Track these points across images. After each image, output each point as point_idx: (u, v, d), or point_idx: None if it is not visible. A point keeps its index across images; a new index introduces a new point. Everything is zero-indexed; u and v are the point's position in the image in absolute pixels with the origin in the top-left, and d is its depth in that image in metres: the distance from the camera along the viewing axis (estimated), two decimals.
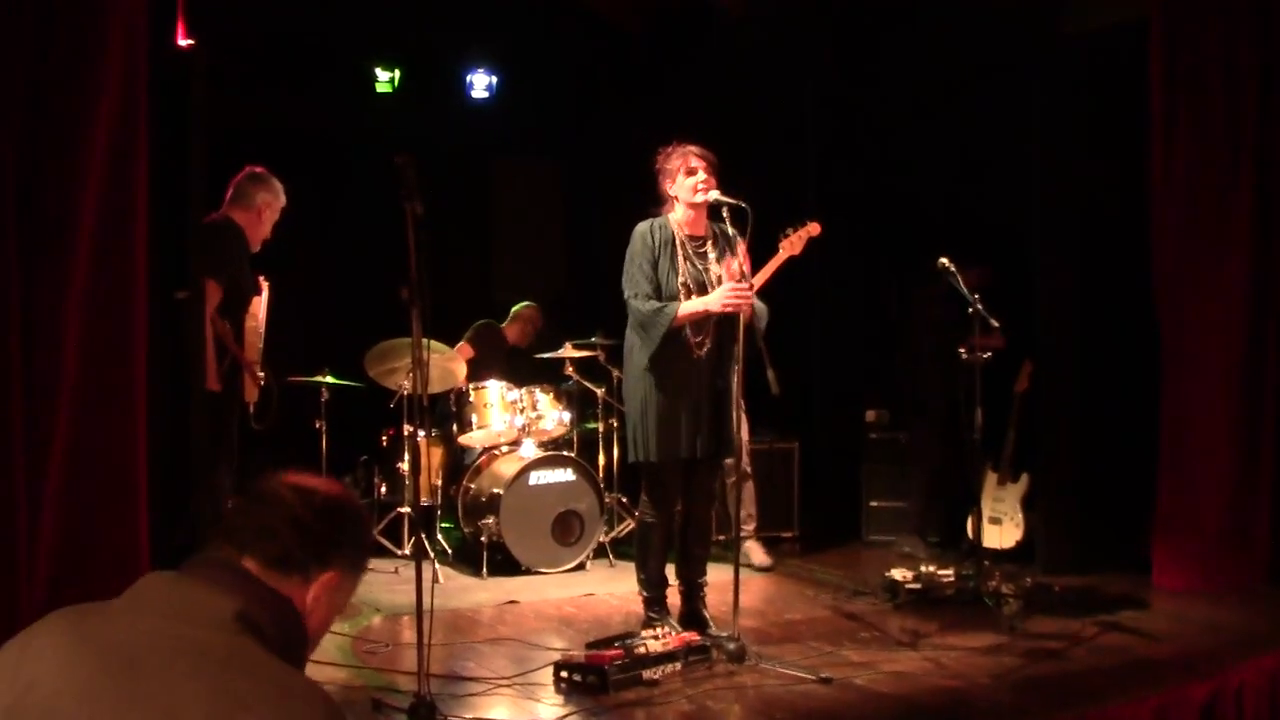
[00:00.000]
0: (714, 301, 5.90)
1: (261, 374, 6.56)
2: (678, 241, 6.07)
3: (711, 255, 6.13)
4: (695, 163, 6.05)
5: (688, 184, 6.04)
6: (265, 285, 6.71)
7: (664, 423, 5.96)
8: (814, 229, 7.07)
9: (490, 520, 7.76)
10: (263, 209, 6.55)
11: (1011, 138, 8.04)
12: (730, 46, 9.64)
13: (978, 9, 8.11)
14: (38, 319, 4.45)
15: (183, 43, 5.49)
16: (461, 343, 9.09)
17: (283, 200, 6.65)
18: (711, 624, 6.11)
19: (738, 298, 5.84)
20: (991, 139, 8.33)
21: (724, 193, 6.01)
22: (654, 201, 6.21)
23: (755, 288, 6.22)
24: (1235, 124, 7.12)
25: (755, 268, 6.42)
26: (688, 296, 5.98)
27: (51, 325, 4.47)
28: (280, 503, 2.26)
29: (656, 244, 6.05)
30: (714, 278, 6.05)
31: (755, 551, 7.96)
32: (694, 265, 6.06)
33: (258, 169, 6.62)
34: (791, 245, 6.95)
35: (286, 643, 2.11)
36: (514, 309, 9.69)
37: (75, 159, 4.52)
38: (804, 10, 9.20)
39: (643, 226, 6.13)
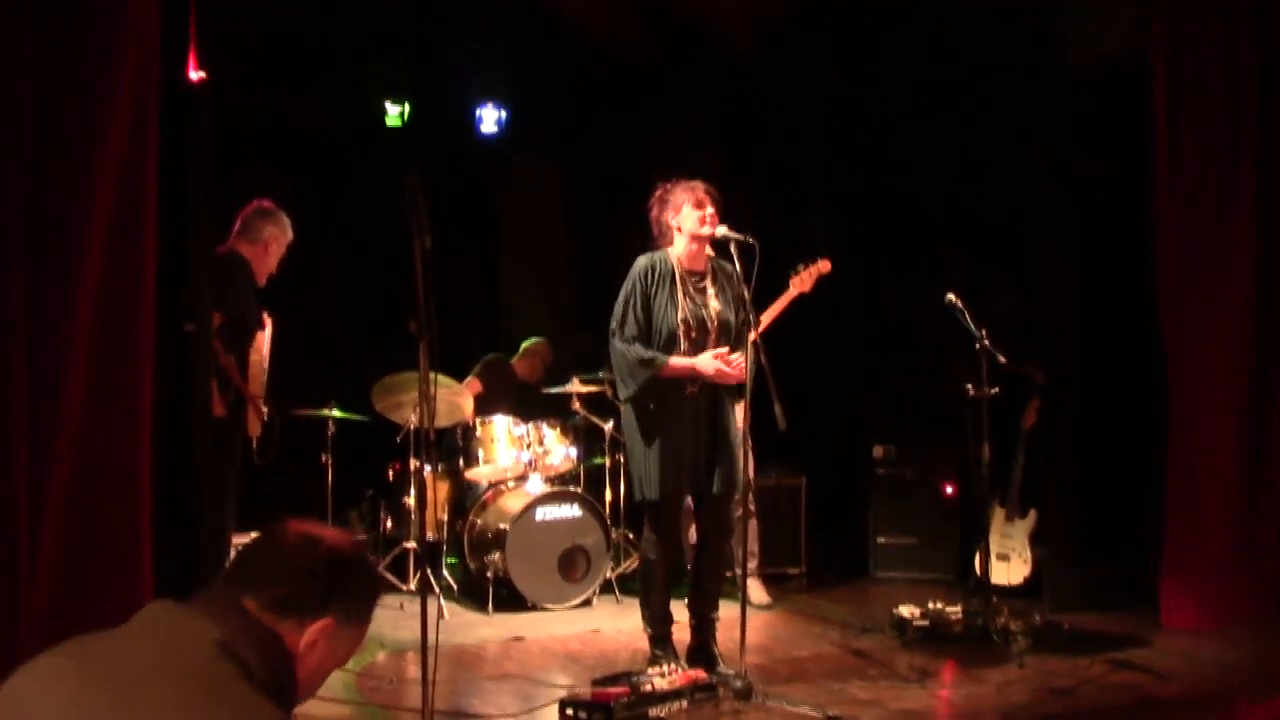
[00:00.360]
0: (703, 368, 5.95)
1: (264, 408, 6.57)
2: (677, 277, 6.08)
3: (710, 291, 6.14)
4: (703, 196, 6.05)
5: (694, 216, 6.04)
6: (269, 320, 6.72)
7: (664, 460, 5.96)
8: (825, 266, 7.07)
9: (496, 556, 7.74)
10: (269, 243, 6.59)
11: (1012, 138, 8.05)
12: (737, 73, 9.67)
13: (978, 10, 8.12)
14: (45, 329, 4.47)
15: (194, 75, 5.50)
16: (470, 378, 9.07)
17: (290, 235, 6.68)
18: (720, 660, 6.08)
19: (725, 377, 5.95)
20: (992, 140, 8.34)
21: (731, 227, 6.02)
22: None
23: (765, 325, 6.26)
24: (1236, 125, 7.12)
25: (763, 303, 6.43)
26: (687, 334, 5.99)
27: (60, 334, 4.49)
28: (285, 547, 2.33)
29: (655, 279, 6.05)
30: (713, 313, 6.07)
31: (755, 589, 7.91)
32: (693, 301, 6.07)
33: (266, 203, 6.65)
34: (802, 282, 6.95)
35: (272, 679, 2.18)
36: (524, 344, 9.67)
37: (85, 189, 4.54)
38: (804, 11, 9.21)
39: (642, 261, 6.13)
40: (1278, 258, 7.15)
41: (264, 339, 6.68)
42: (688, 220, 6.07)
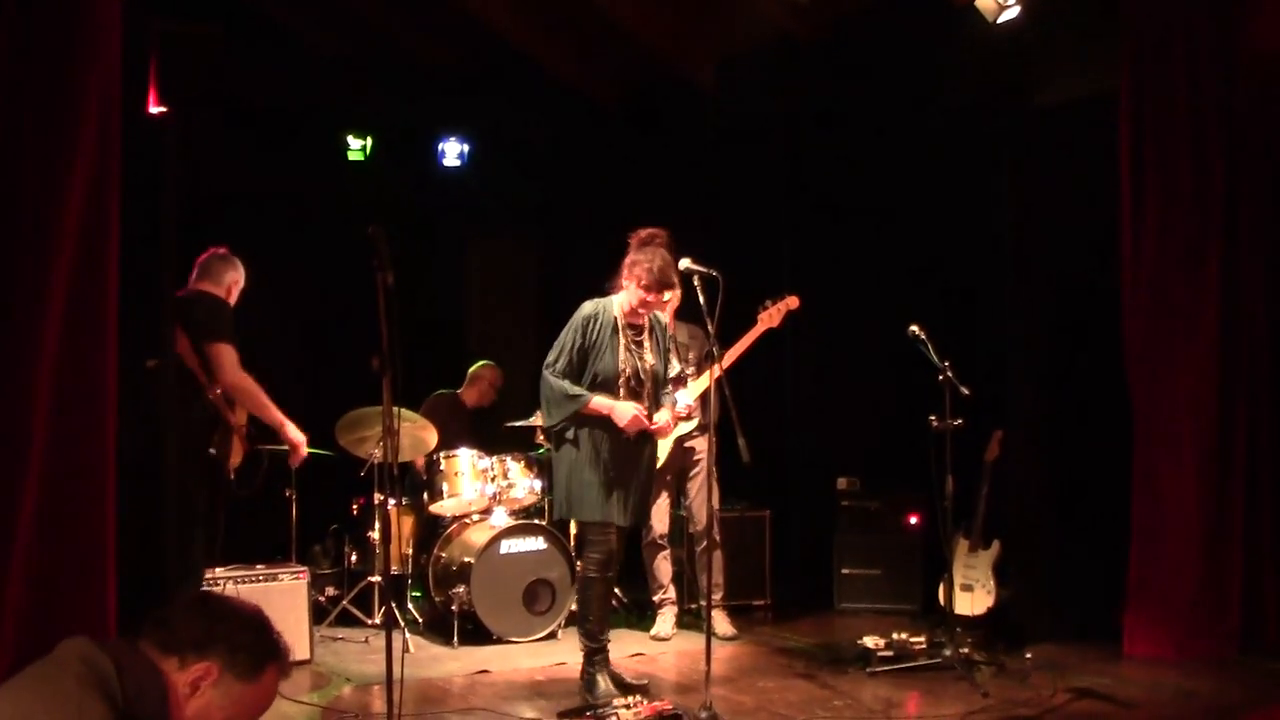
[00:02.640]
0: (619, 417, 6.18)
1: (245, 440, 6.61)
2: (619, 328, 6.30)
3: (647, 345, 6.40)
4: (655, 296, 6.21)
5: (638, 299, 6.23)
6: None
7: (604, 482, 6.23)
8: (792, 302, 7.13)
9: (461, 589, 7.72)
10: (231, 287, 6.69)
11: (980, 173, 8.13)
12: (703, 113, 9.73)
13: (949, 78, 8.20)
14: (8, 385, 4.44)
15: (154, 110, 5.51)
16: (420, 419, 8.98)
17: (243, 280, 6.74)
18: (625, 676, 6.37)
19: (637, 428, 6.21)
20: (961, 176, 8.43)
21: (694, 260, 6.06)
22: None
23: (733, 359, 6.42)
24: (1202, 170, 7.21)
25: (730, 337, 6.50)
26: (626, 383, 6.27)
27: (20, 391, 4.47)
28: (182, 599, 2.70)
29: (595, 328, 6.29)
30: (647, 366, 6.34)
31: (720, 621, 7.89)
32: (632, 354, 6.31)
33: (221, 249, 6.74)
34: (770, 318, 7.00)
35: (142, 695, 2.42)
36: (470, 371, 9.62)
37: (49, 227, 4.53)
38: (771, 52, 9.28)
39: (587, 308, 6.35)
40: (1244, 305, 7.23)
41: None
42: (633, 296, 6.26)
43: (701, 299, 6.04)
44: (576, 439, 6.26)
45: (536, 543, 7.95)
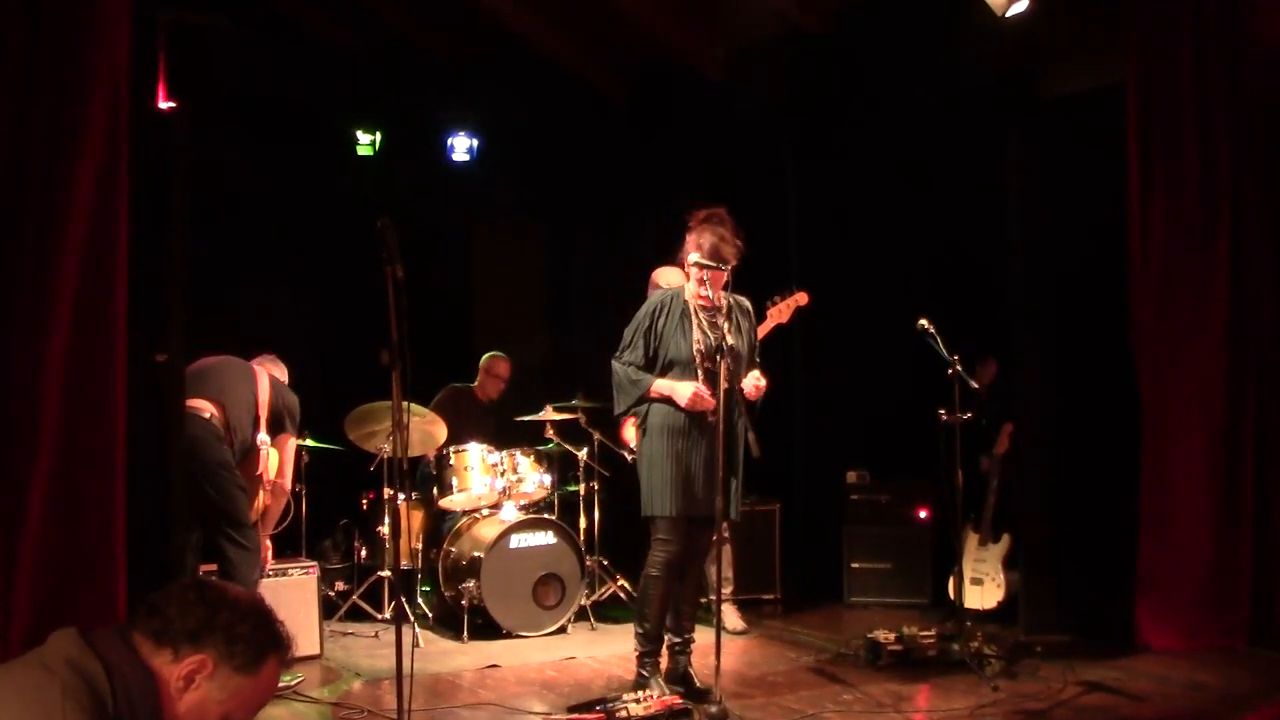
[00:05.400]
0: (679, 396, 6.01)
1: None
2: (690, 310, 6.16)
3: (724, 326, 6.12)
4: (712, 275, 6.05)
5: (694, 278, 6.11)
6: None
7: (675, 478, 6.03)
8: (802, 298, 7.11)
9: (471, 584, 7.72)
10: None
11: (988, 166, 8.10)
12: (710, 105, 9.72)
13: (956, 70, 8.18)
14: (17, 381, 4.45)
15: (163, 105, 5.51)
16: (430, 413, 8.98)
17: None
18: (696, 680, 6.09)
19: (699, 405, 5.97)
20: (969, 168, 8.40)
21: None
22: (642, 259, 6.23)
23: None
24: (1209, 188, 7.18)
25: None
26: (701, 363, 6.06)
27: (29, 384, 4.48)
28: (177, 586, 2.50)
29: (664, 315, 6.15)
30: (729, 344, 6.02)
31: (730, 615, 7.89)
32: (706, 334, 6.11)
33: (271, 354, 7.19)
34: (779, 313, 6.98)
35: (132, 705, 2.34)
36: (480, 363, 9.67)
37: (57, 221, 4.54)
38: (784, 69, 9.26)
39: (658, 297, 6.27)
40: (1251, 294, 7.21)
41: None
42: (691, 278, 6.16)
43: (746, 304, 6.05)
44: (648, 434, 6.14)
45: (546, 537, 7.95)
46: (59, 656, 2.32)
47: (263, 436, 6.66)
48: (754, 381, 6.09)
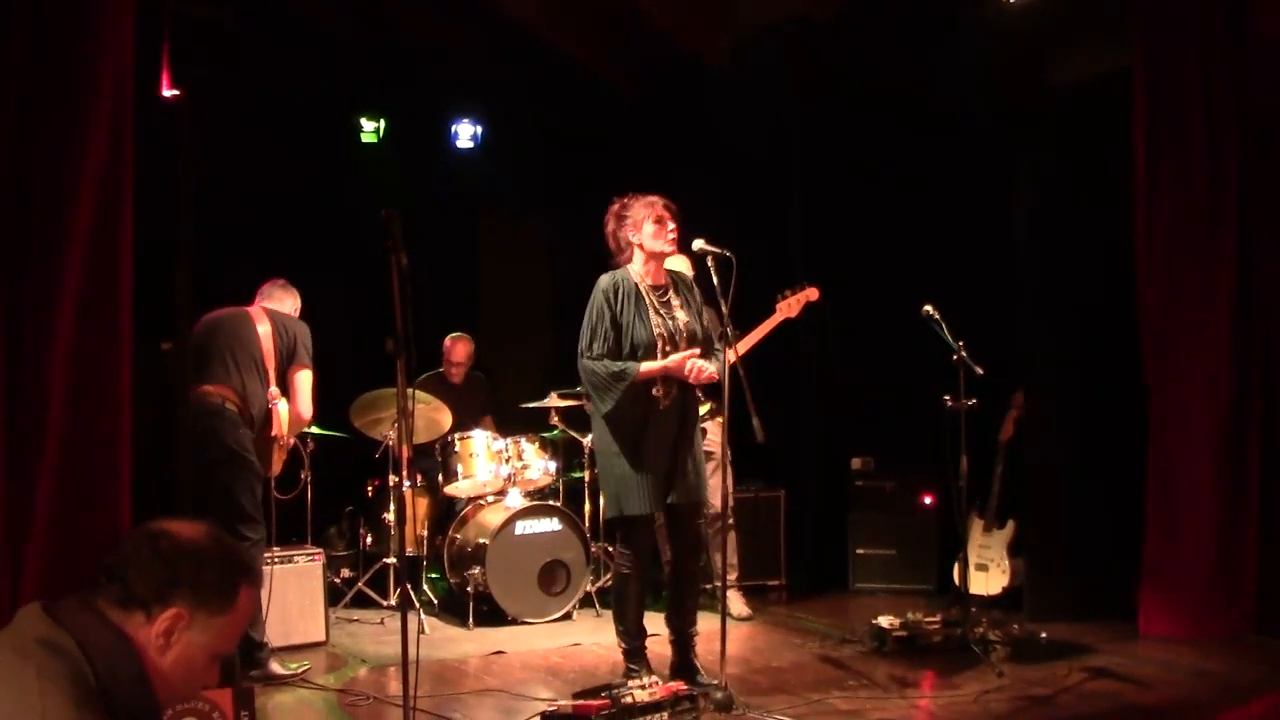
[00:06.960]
0: (676, 370, 5.90)
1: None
2: (641, 292, 6.05)
3: (675, 303, 6.11)
4: (663, 212, 6.03)
5: (655, 232, 6.02)
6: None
7: (637, 476, 5.92)
8: (812, 294, 7.11)
9: (476, 571, 7.74)
10: (294, 312, 6.94)
11: (994, 151, 8.10)
12: (715, 94, 9.70)
13: (963, 58, 8.17)
14: (22, 370, 4.46)
15: (168, 93, 5.52)
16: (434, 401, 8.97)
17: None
18: (702, 673, 6.09)
19: (700, 376, 5.91)
20: (975, 155, 8.40)
21: (707, 241, 6.02)
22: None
23: (748, 347, 6.24)
24: (1216, 177, 7.16)
25: (744, 322, 6.42)
26: (663, 347, 5.94)
27: (35, 373, 4.48)
28: (129, 545, 2.43)
29: (620, 298, 6.01)
30: (681, 325, 6.02)
31: (735, 602, 7.89)
32: (662, 316, 6.03)
33: (280, 279, 7.00)
34: (789, 307, 6.97)
35: (114, 673, 2.29)
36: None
37: (62, 210, 4.54)
38: (790, 58, 9.26)
39: (605, 280, 6.09)
40: (1258, 285, 7.19)
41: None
42: (648, 238, 6.04)
43: (715, 280, 5.97)
44: (609, 431, 5.98)
45: (551, 524, 7.96)
46: (28, 637, 2.28)
47: (273, 390, 6.61)
48: (711, 368, 6.00)
